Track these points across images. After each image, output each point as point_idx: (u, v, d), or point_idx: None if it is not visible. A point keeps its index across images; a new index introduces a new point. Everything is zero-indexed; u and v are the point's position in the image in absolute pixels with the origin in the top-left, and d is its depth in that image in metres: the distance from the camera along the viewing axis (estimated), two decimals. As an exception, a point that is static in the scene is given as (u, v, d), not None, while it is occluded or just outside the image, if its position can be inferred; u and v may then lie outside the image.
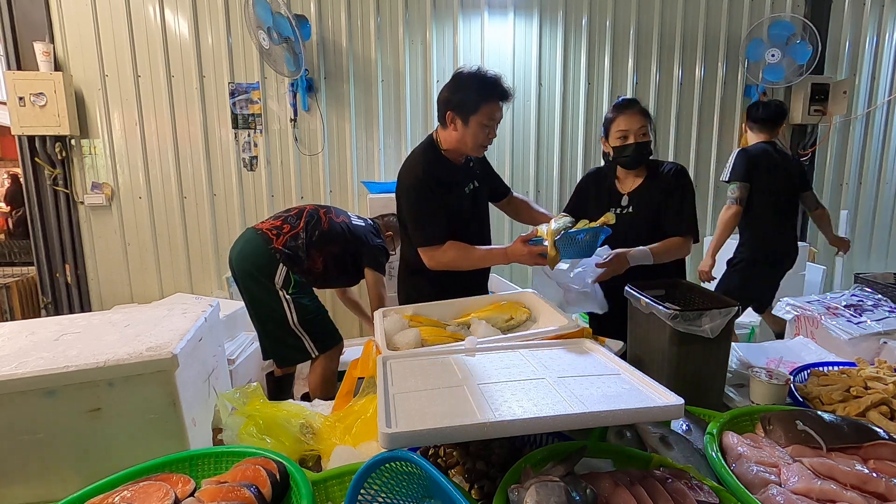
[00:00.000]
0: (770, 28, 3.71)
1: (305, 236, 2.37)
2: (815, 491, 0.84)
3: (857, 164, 4.26)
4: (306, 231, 2.38)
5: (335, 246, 2.44)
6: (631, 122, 1.84)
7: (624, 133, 1.84)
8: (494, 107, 1.75)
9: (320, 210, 2.49)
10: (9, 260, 3.85)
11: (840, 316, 1.68)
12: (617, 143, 1.87)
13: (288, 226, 2.39)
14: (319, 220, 2.43)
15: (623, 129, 1.84)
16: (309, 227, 2.40)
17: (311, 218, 2.43)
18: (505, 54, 3.60)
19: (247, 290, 2.37)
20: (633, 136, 1.84)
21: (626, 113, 1.86)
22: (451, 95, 1.76)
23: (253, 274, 2.33)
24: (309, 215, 2.44)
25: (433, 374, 1.04)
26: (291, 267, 2.33)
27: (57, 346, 1.02)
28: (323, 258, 2.41)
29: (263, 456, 0.92)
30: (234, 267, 2.39)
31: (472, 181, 1.92)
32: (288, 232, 2.37)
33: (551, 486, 0.74)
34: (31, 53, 3.05)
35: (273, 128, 3.43)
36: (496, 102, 1.75)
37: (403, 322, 1.45)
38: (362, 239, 2.51)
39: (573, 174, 3.84)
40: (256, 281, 2.32)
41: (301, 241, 2.36)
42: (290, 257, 2.32)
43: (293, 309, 2.33)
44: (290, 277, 2.33)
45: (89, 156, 3.27)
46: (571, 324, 1.30)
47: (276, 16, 3.03)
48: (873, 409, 1.19)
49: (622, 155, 1.87)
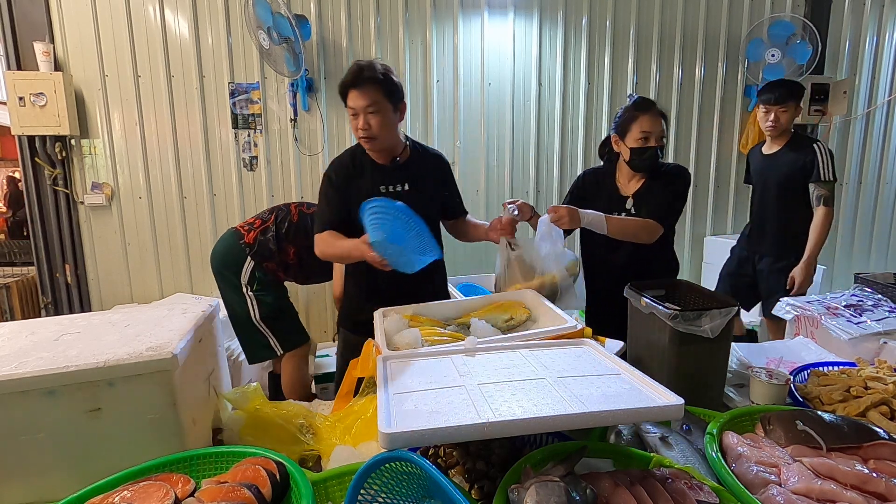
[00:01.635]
0: (770, 28, 3.70)
1: (275, 229, 2.43)
2: (815, 491, 0.84)
3: (857, 164, 4.26)
4: (276, 224, 2.44)
5: (306, 239, 2.42)
6: (654, 124, 1.79)
7: (646, 134, 1.79)
8: (350, 94, 1.65)
9: (291, 205, 2.56)
10: (9, 260, 3.85)
11: (840, 316, 1.68)
12: (636, 145, 1.81)
13: (259, 220, 2.48)
14: (289, 213, 2.48)
15: (646, 131, 1.79)
16: (278, 220, 2.46)
17: (281, 212, 2.50)
18: (505, 54, 3.60)
19: (219, 287, 2.46)
20: (655, 139, 1.79)
21: (649, 113, 1.80)
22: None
23: (222, 271, 2.42)
24: (279, 210, 2.51)
25: (433, 374, 1.04)
26: (260, 261, 2.39)
27: (57, 346, 1.02)
28: (296, 250, 2.44)
29: (263, 456, 0.92)
30: (212, 265, 2.48)
31: (400, 184, 1.78)
32: (258, 227, 2.45)
33: (551, 486, 0.74)
34: (31, 53, 3.04)
35: (273, 128, 3.43)
36: (350, 90, 1.65)
37: (403, 322, 1.45)
38: None
39: (573, 174, 3.83)
40: (225, 277, 2.42)
41: (270, 234, 2.42)
42: (258, 251, 2.39)
43: (255, 305, 2.39)
44: (255, 274, 2.39)
45: (89, 156, 3.26)
46: (571, 324, 1.30)
47: (276, 16, 3.03)
48: (873, 409, 1.19)
49: (640, 157, 1.82)
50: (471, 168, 3.69)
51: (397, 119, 1.74)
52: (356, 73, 1.64)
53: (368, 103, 1.63)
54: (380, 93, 1.65)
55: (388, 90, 1.67)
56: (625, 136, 1.84)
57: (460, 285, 2.83)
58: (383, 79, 1.65)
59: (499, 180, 3.75)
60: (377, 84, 1.64)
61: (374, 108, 1.64)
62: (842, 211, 4.30)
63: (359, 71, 1.64)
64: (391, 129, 1.71)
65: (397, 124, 1.75)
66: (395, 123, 1.73)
